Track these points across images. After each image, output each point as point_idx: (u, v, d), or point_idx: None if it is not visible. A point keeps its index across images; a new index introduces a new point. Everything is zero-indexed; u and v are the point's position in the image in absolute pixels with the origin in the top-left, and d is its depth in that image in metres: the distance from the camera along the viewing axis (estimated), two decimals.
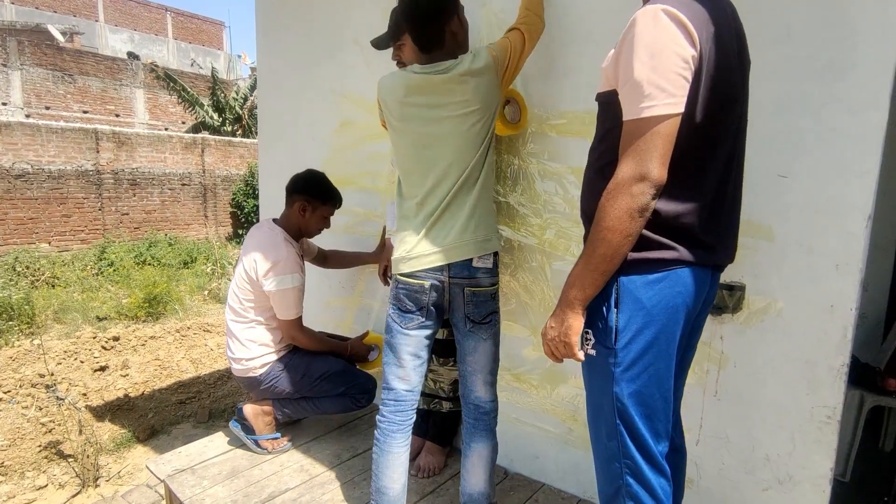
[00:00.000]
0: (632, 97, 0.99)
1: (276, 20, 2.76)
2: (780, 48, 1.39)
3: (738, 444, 1.58)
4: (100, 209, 9.08)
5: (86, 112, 14.41)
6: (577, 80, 1.76)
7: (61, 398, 3.06)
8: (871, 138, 1.29)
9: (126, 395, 3.76)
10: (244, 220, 11.04)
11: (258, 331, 2.20)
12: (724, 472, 1.61)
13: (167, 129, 14.79)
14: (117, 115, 15.07)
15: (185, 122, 15.68)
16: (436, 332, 1.68)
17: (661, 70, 0.95)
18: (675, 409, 1.31)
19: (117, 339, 4.80)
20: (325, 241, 2.49)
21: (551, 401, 1.96)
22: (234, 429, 2.25)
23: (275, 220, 2.27)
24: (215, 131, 13.58)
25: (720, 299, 1.54)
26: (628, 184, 0.98)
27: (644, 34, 0.97)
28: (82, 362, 4.29)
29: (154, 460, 2.17)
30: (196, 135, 11.14)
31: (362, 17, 2.35)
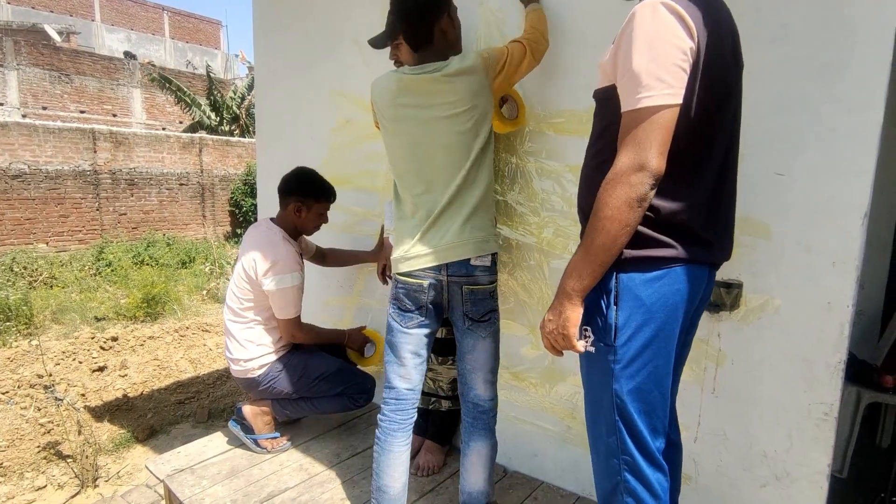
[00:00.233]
0: (630, 88, 0.99)
1: (275, 19, 2.75)
2: (778, 47, 1.40)
3: (735, 441, 1.59)
4: (97, 209, 9.07)
5: (83, 112, 14.37)
6: (574, 79, 1.76)
7: (60, 399, 3.06)
8: (868, 137, 1.30)
9: (125, 396, 3.76)
10: (242, 219, 11.03)
11: (256, 331, 2.20)
12: (722, 468, 1.62)
13: (165, 129, 14.75)
14: (114, 115, 15.03)
15: (182, 122, 15.65)
16: (436, 330, 1.69)
17: (660, 61, 0.96)
18: (671, 405, 1.32)
19: (116, 339, 4.79)
20: (323, 239, 2.49)
21: (550, 399, 1.97)
22: (234, 429, 2.25)
23: (272, 220, 2.27)
24: (212, 131, 13.54)
25: (717, 297, 1.54)
26: (627, 173, 0.98)
27: (643, 26, 0.98)
28: (81, 363, 4.29)
29: (153, 460, 2.17)
30: (194, 134, 11.13)
31: (361, 16, 2.35)
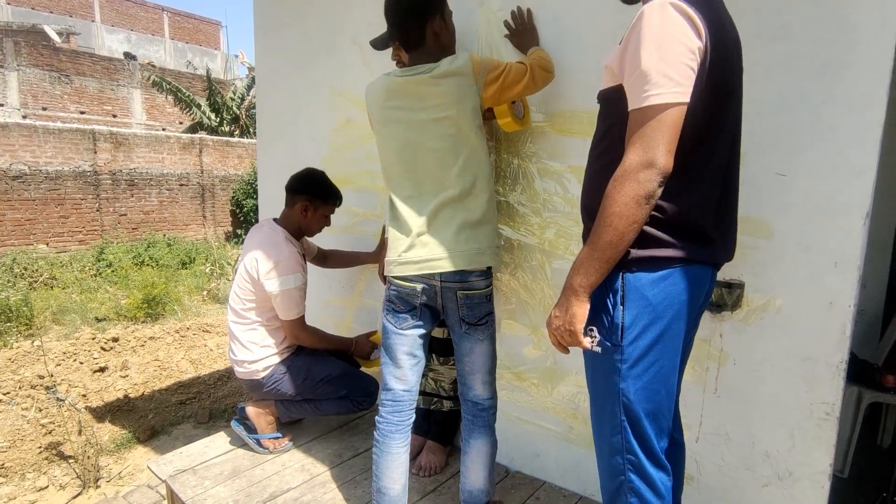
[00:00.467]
0: (638, 86, 1.00)
1: (275, 19, 2.76)
2: (779, 46, 1.40)
3: (737, 441, 1.59)
4: (98, 210, 9.07)
5: (83, 113, 14.37)
6: (576, 80, 1.76)
7: (61, 399, 3.06)
8: (869, 136, 1.30)
9: (126, 396, 3.76)
10: (243, 219, 11.03)
11: (259, 332, 2.20)
12: (724, 468, 1.62)
13: (165, 130, 14.75)
14: (114, 116, 15.03)
15: (182, 123, 15.65)
16: (430, 331, 1.68)
17: (669, 60, 0.97)
18: (675, 404, 1.32)
19: (116, 339, 4.79)
20: (324, 240, 2.50)
21: (552, 399, 1.97)
22: (236, 428, 2.25)
23: (275, 220, 2.27)
24: (213, 131, 13.54)
25: (719, 297, 1.54)
26: (635, 171, 0.98)
27: (652, 25, 0.98)
28: (81, 363, 4.29)
29: (155, 461, 2.18)
30: (194, 135, 11.12)
31: (361, 16, 2.35)
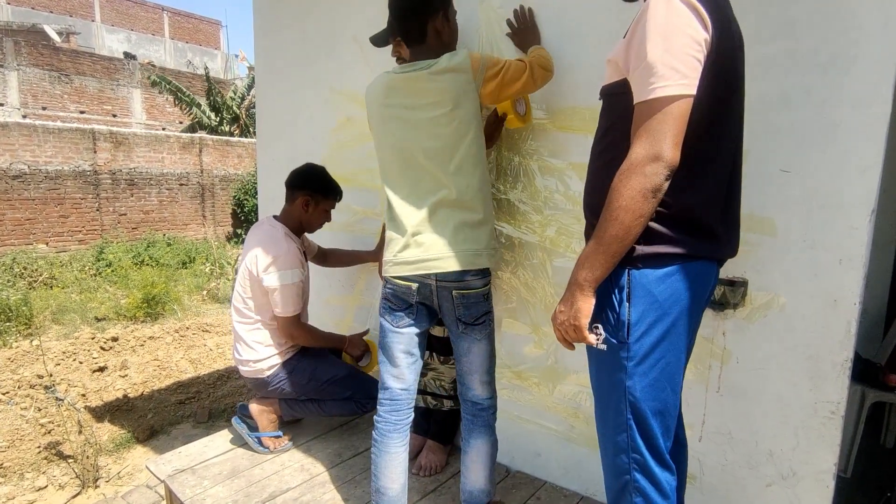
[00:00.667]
0: (644, 79, 0.98)
1: (275, 18, 2.74)
2: (783, 42, 1.38)
3: (741, 440, 1.58)
4: (97, 209, 9.06)
5: (83, 112, 14.37)
6: (577, 76, 1.75)
7: (60, 399, 3.05)
8: (874, 132, 1.28)
9: (125, 396, 3.75)
10: (244, 219, 11.02)
11: (264, 332, 2.18)
12: (728, 467, 1.61)
13: (164, 129, 14.73)
14: (114, 116, 15.03)
15: (182, 122, 15.64)
16: (427, 329, 1.67)
17: (675, 52, 0.95)
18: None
19: (116, 339, 4.78)
20: (324, 238, 2.48)
21: (553, 398, 1.96)
22: (237, 425, 2.24)
23: (275, 217, 2.26)
24: (212, 131, 13.53)
25: (723, 295, 1.53)
26: (642, 164, 0.97)
27: (657, 18, 0.97)
28: (81, 363, 4.28)
29: (154, 460, 2.16)
30: (194, 135, 11.12)
31: (361, 14, 2.33)
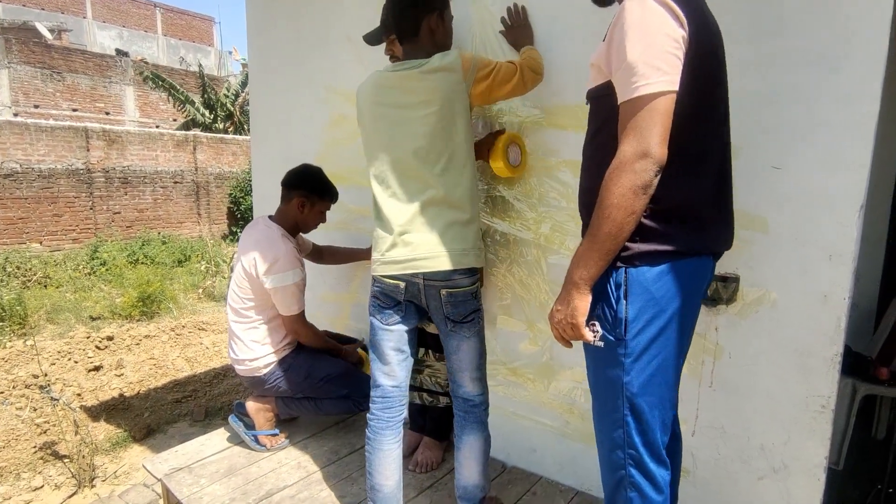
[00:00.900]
0: (626, 79, 1.00)
1: (268, 16, 2.73)
2: (773, 39, 1.39)
3: (733, 435, 1.59)
4: (91, 208, 9.01)
5: (75, 110, 14.27)
6: (570, 74, 1.75)
7: (56, 399, 3.04)
8: (863, 130, 1.30)
9: (121, 395, 3.74)
10: (241, 217, 10.99)
11: (261, 331, 2.19)
12: (720, 462, 1.63)
13: (158, 127, 14.65)
14: (107, 113, 14.94)
15: (176, 120, 15.55)
16: (416, 326, 1.69)
17: (654, 50, 0.98)
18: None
19: (111, 338, 4.77)
20: (318, 236, 2.48)
21: (548, 394, 1.97)
22: (234, 424, 2.25)
23: (270, 217, 2.26)
24: (207, 128, 13.46)
25: (715, 291, 1.54)
26: (631, 161, 0.98)
27: (634, 18, 0.99)
28: (76, 362, 4.26)
29: (151, 459, 2.17)
30: (188, 132, 11.05)
31: (354, 11, 2.33)
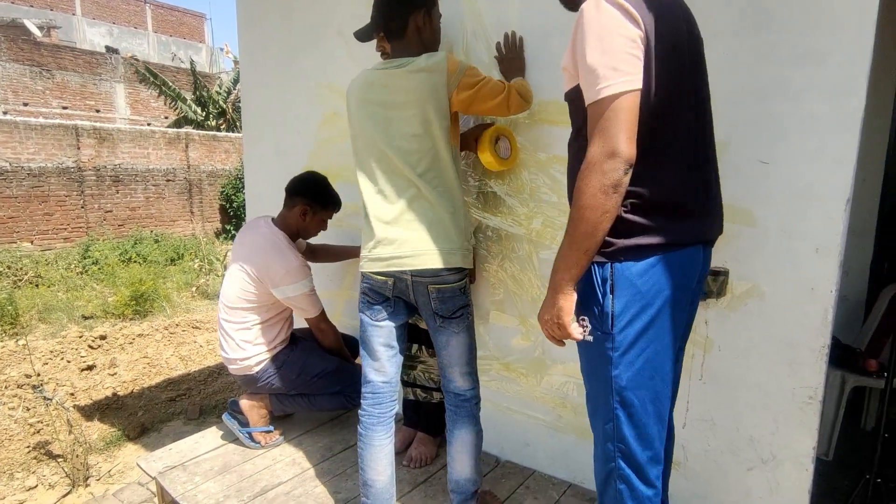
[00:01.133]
0: (589, 82, 1.03)
1: (258, 12, 2.72)
2: (760, 34, 1.41)
3: (723, 426, 1.61)
4: (82, 207, 8.94)
5: (65, 108, 14.14)
6: (560, 70, 1.75)
7: (49, 398, 3.03)
8: (850, 124, 1.31)
9: (115, 394, 3.73)
10: (233, 214, 10.94)
11: (253, 331, 2.19)
12: (710, 453, 1.65)
13: (150, 125, 14.55)
14: (97, 111, 14.81)
15: (167, 117, 15.43)
16: (405, 322, 1.70)
17: (612, 52, 1.00)
18: (673, 390, 1.33)
19: (104, 337, 4.74)
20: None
21: (541, 389, 1.98)
22: (228, 422, 2.25)
23: (273, 221, 2.24)
24: (199, 126, 13.37)
25: (705, 284, 1.55)
26: (599, 162, 1.01)
27: (590, 22, 1.02)
28: (69, 362, 4.24)
29: (145, 458, 2.17)
30: (179, 130, 10.98)
31: (345, 7, 2.32)
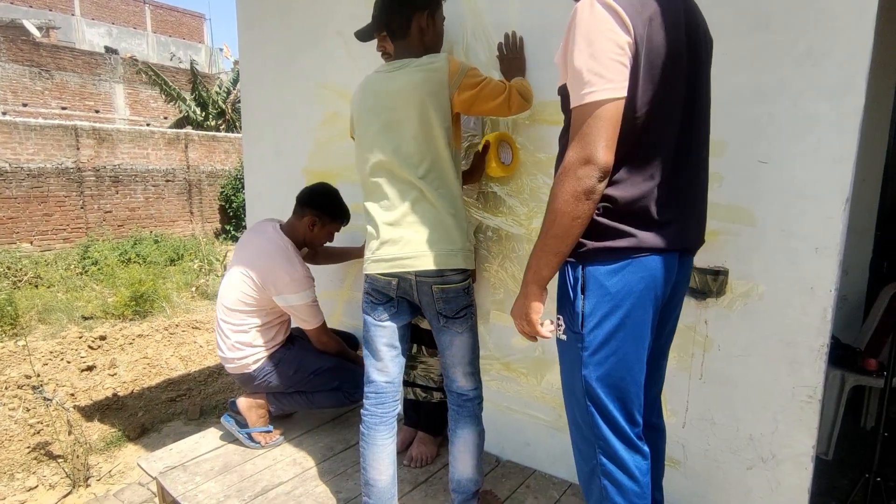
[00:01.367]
0: (574, 85, 1.03)
1: (258, 12, 2.72)
2: (759, 35, 1.41)
3: (722, 426, 1.62)
4: (82, 207, 8.94)
5: (64, 108, 14.13)
6: (559, 69, 1.76)
7: (49, 399, 3.03)
8: (848, 124, 1.31)
9: (115, 395, 3.73)
10: (233, 215, 10.94)
11: (251, 334, 2.19)
12: (710, 452, 1.65)
13: (149, 125, 14.54)
14: (97, 112, 14.80)
15: (167, 118, 15.44)
16: (409, 322, 1.70)
17: (599, 57, 0.99)
18: (655, 392, 1.34)
19: (104, 338, 4.74)
20: None
21: (541, 388, 1.99)
22: (227, 423, 2.25)
23: (280, 226, 2.24)
24: (198, 126, 13.37)
25: (704, 284, 1.56)
26: (574, 167, 1.01)
27: (581, 24, 1.01)
28: (69, 362, 4.24)
29: (145, 458, 2.17)
30: (179, 130, 10.99)
31: (345, 8, 2.32)
